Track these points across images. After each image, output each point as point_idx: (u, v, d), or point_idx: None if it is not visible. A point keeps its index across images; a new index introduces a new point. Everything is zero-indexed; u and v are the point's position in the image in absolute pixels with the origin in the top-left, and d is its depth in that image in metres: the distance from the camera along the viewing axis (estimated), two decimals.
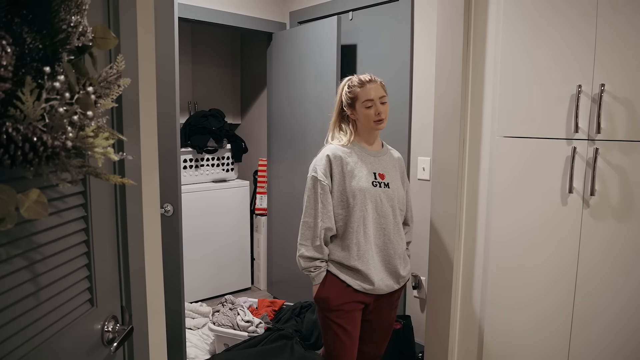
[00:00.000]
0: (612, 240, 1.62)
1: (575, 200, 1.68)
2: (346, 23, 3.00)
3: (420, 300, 2.74)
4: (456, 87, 1.91)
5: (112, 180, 0.71)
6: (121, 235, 1.01)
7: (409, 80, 2.66)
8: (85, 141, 0.67)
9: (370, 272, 1.77)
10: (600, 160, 1.62)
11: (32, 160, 0.59)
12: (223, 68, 4.25)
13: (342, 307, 1.79)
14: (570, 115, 1.66)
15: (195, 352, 2.76)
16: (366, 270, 1.77)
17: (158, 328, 1.19)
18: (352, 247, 1.77)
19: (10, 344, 0.70)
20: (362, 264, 1.77)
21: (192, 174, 3.68)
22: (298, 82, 3.23)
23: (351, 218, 1.77)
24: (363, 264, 1.77)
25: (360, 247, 1.77)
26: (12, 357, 0.71)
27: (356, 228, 1.76)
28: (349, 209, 1.77)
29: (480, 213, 1.95)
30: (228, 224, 3.78)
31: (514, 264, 1.84)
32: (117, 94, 0.77)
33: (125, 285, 1.03)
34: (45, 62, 0.65)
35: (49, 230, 0.79)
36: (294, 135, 3.33)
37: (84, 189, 0.88)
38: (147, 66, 1.09)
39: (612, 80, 1.58)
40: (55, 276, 0.81)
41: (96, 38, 0.74)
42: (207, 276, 3.66)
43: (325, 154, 1.79)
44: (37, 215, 0.61)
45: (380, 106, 1.78)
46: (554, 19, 1.67)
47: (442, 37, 1.95)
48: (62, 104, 0.64)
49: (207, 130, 3.68)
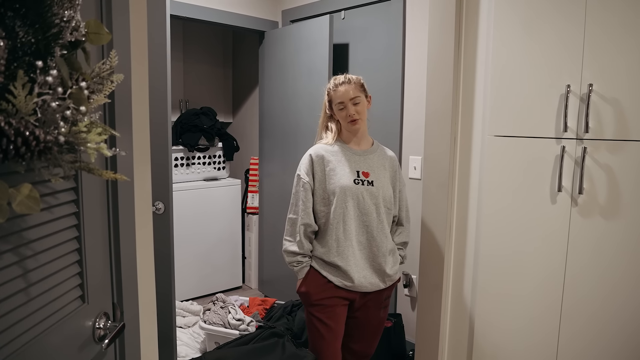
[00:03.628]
0: (599, 238, 1.65)
1: (564, 199, 1.70)
2: (338, 22, 3.00)
3: (411, 299, 2.75)
4: (447, 86, 1.92)
5: (105, 176, 0.70)
6: (113, 231, 1.01)
7: (401, 79, 2.68)
8: (78, 136, 0.67)
9: (350, 268, 1.80)
10: (588, 159, 1.64)
11: (24, 154, 0.58)
12: (215, 66, 4.23)
13: (323, 301, 1.82)
14: (559, 114, 1.68)
15: (186, 350, 2.75)
16: (345, 267, 1.80)
17: (149, 325, 1.19)
18: (332, 244, 1.81)
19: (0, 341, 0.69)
20: (341, 260, 1.80)
21: (183, 172, 3.66)
22: (290, 81, 3.23)
23: (331, 215, 1.81)
24: (342, 260, 1.80)
25: (340, 243, 1.80)
26: (2, 354, 0.70)
27: (335, 225, 1.80)
28: (330, 206, 1.81)
29: (471, 212, 1.97)
30: (219, 222, 3.77)
31: (504, 262, 1.86)
32: (110, 89, 0.77)
33: (116, 282, 1.02)
34: (38, 56, 0.64)
35: (40, 226, 0.78)
36: (286, 134, 3.33)
37: (76, 185, 0.88)
38: (139, 62, 1.09)
39: (600, 80, 1.60)
40: (46, 272, 0.80)
41: (89, 33, 0.74)
42: (198, 275, 3.65)
43: (309, 154, 1.87)
44: (29, 210, 0.60)
45: (352, 107, 1.82)
46: (544, 20, 1.69)
47: (434, 37, 1.96)
48: (54, 99, 0.64)
49: (199, 129, 3.66)
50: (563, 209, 1.71)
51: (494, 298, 1.90)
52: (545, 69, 1.70)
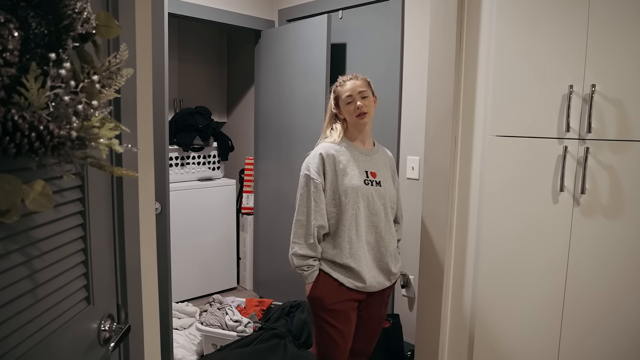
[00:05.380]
0: (601, 237, 1.65)
1: (566, 199, 1.70)
2: (336, 22, 2.99)
3: (409, 299, 2.74)
4: (449, 86, 1.92)
5: (117, 172, 0.68)
6: (117, 230, 0.98)
7: (399, 79, 2.67)
8: (90, 131, 0.64)
9: (362, 269, 1.78)
10: (590, 159, 1.65)
11: (38, 149, 0.56)
12: (209, 65, 4.20)
13: (336, 306, 1.79)
14: (562, 114, 1.68)
15: (182, 352, 2.71)
16: (358, 268, 1.77)
17: (152, 326, 1.16)
18: (344, 245, 1.78)
19: (7, 344, 0.67)
20: (354, 261, 1.77)
21: (178, 172, 3.62)
22: (287, 81, 3.21)
23: (343, 216, 1.77)
24: (355, 261, 1.77)
25: (353, 244, 1.78)
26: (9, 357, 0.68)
27: (348, 226, 1.77)
28: (341, 207, 1.78)
29: (472, 212, 1.96)
30: (214, 222, 3.74)
31: (505, 262, 1.86)
32: (120, 84, 0.74)
33: (121, 283, 1.00)
34: (50, 48, 0.62)
35: (47, 225, 0.76)
36: (282, 134, 3.30)
37: (82, 182, 0.85)
38: (144, 57, 1.07)
39: (603, 80, 1.61)
40: (52, 273, 0.78)
41: (99, 26, 0.71)
42: (193, 276, 3.61)
43: (319, 152, 1.81)
44: (42, 207, 0.58)
45: (360, 100, 1.80)
46: (546, 19, 1.69)
47: (435, 36, 1.95)
48: (67, 92, 0.62)
49: (194, 128, 3.63)
50: (565, 209, 1.71)
51: (494, 298, 1.90)
52: (548, 69, 1.70)
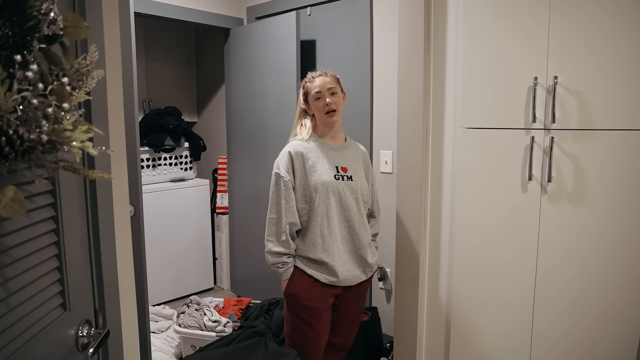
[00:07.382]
0: (568, 223, 1.71)
1: (534, 188, 1.76)
2: (305, 18, 2.99)
3: (386, 292, 2.78)
4: (418, 80, 1.95)
5: (92, 175, 0.67)
6: (92, 234, 0.97)
7: (370, 74, 2.69)
8: (62, 135, 0.63)
9: (336, 263, 1.80)
10: (555, 148, 1.70)
11: (8, 154, 0.55)
12: (178, 65, 4.14)
13: (310, 303, 1.81)
14: (528, 106, 1.73)
15: (161, 355, 2.68)
16: (332, 262, 1.80)
17: (131, 330, 1.15)
18: (317, 240, 1.80)
19: None
20: (327, 256, 1.80)
21: (150, 174, 3.56)
22: (258, 79, 3.19)
23: (314, 212, 1.80)
24: (328, 256, 1.80)
25: (325, 239, 1.80)
26: None
27: (320, 221, 1.80)
28: (312, 203, 1.80)
29: (445, 204, 2.00)
30: (188, 223, 3.70)
31: (478, 252, 1.90)
32: (91, 86, 0.73)
33: (97, 287, 0.98)
34: (15, 50, 0.61)
35: (18, 232, 0.74)
36: (255, 132, 3.29)
37: (53, 187, 0.84)
38: (113, 58, 1.05)
39: (565, 72, 1.66)
40: (25, 280, 0.76)
41: (67, 27, 0.70)
42: (169, 278, 3.56)
43: (287, 151, 1.83)
44: (15, 214, 0.57)
45: (329, 97, 1.82)
46: (511, 13, 1.74)
47: (404, 32, 1.98)
48: (35, 95, 0.61)
49: (164, 129, 3.57)
50: (534, 197, 1.76)
51: (470, 287, 1.94)
52: (514, 61, 1.75)
